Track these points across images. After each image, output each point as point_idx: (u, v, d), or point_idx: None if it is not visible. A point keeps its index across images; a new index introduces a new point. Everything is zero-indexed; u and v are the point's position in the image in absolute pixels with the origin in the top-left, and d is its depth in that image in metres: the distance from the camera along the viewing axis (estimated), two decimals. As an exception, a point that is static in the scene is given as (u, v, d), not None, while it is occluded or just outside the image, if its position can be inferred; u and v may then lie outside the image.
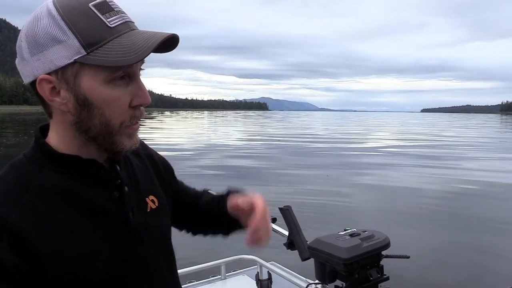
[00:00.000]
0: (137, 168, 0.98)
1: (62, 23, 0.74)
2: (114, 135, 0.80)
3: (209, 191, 1.27)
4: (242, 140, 24.56)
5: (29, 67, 0.78)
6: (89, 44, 0.73)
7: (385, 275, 0.99)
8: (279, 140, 24.62)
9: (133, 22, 0.81)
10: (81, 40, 0.73)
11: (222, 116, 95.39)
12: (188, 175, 10.43)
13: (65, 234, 0.77)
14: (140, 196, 0.94)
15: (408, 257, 1.04)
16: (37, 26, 0.75)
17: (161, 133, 28.10)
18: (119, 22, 0.76)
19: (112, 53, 0.74)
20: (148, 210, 0.95)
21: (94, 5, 0.75)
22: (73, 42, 0.73)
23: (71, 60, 0.74)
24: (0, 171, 0.81)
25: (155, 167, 1.06)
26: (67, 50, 0.74)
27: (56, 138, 0.83)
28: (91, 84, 0.76)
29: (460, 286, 4.51)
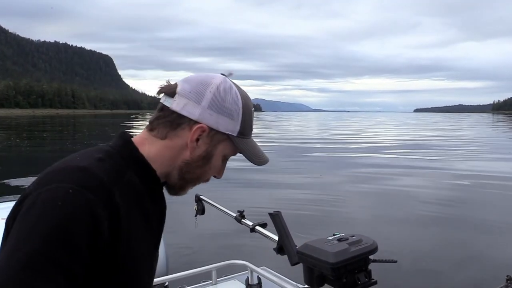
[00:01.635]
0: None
1: (240, 111, 0.98)
2: (190, 183, 1.02)
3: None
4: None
5: (198, 111, 0.95)
6: (242, 133, 0.99)
7: (373, 279, 1.00)
8: (273, 141, 24.65)
9: None
10: (241, 128, 0.98)
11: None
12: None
13: (138, 229, 0.90)
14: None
15: (396, 262, 1.05)
16: (228, 98, 0.97)
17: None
18: (252, 125, 1.03)
19: (249, 148, 1.01)
20: None
21: (253, 110, 1.03)
22: (237, 125, 0.98)
23: (227, 132, 0.97)
24: (97, 153, 0.90)
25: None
26: (231, 126, 0.97)
27: (151, 152, 0.97)
28: (220, 152, 1.00)
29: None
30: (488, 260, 5.16)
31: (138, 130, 1.02)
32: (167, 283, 2.06)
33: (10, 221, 0.80)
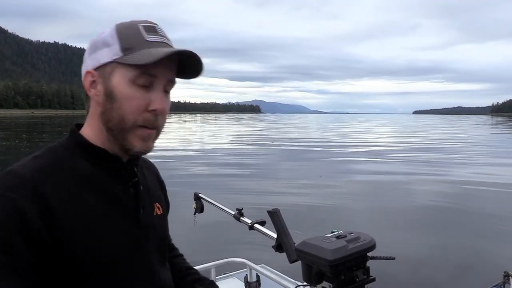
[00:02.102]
0: (147, 177, 1.10)
1: (113, 33, 0.93)
2: (127, 131, 0.92)
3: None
4: (234, 142, 24.56)
5: (85, 65, 0.95)
6: (126, 48, 0.90)
7: (371, 276, 1.00)
8: (272, 142, 24.67)
9: (173, 47, 0.96)
10: (121, 45, 0.91)
11: (215, 119, 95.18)
12: (183, 176, 10.42)
13: (87, 214, 0.88)
14: (149, 199, 1.05)
15: (394, 259, 1.06)
16: (99, 36, 0.95)
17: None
18: (156, 40, 0.93)
19: (139, 57, 0.89)
20: (155, 214, 1.07)
21: (143, 25, 0.94)
22: (116, 46, 0.91)
23: (110, 59, 0.91)
24: (38, 152, 0.93)
25: (160, 184, 1.20)
26: (110, 52, 0.91)
27: (89, 130, 0.97)
28: (119, 81, 0.91)
29: (446, 285, 4.55)
30: (486, 257, 5.19)
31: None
32: None
33: None
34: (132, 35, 0.92)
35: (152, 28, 0.94)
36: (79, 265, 0.85)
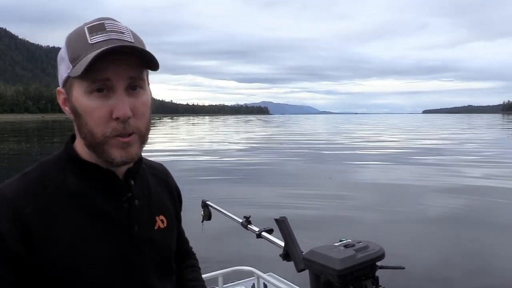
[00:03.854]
0: (152, 187, 1.05)
1: (65, 44, 0.88)
2: (101, 144, 0.86)
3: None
4: (243, 143, 24.57)
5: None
6: (73, 59, 0.85)
7: (381, 286, 0.98)
8: (281, 144, 24.65)
9: (127, 40, 0.86)
10: (69, 56, 0.86)
11: (223, 121, 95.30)
12: (189, 180, 10.45)
13: (71, 233, 0.85)
14: (150, 212, 1.01)
15: (403, 268, 1.04)
16: (60, 50, 0.90)
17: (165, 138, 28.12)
18: (100, 39, 0.84)
19: (79, 66, 0.82)
20: (156, 228, 1.02)
21: (88, 27, 0.86)
22: (67, 59, 0.86)
23: (66, 75, 0.86)
24: (29, 168, 0.91)
25: (170, 193, 1.14)
26: (65, 66, 0.86)
27: (81, 146, 0.92)
28: (77, 95, 0.86)
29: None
30: (500, 267, 5.07)
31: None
32: None
33: None
34: (78, 42, 0.85)
35: (98, 27, 0.86)
36: (63, 286, 0.84)
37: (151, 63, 0.88)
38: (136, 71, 0.86)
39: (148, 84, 0.93)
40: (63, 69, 0.87)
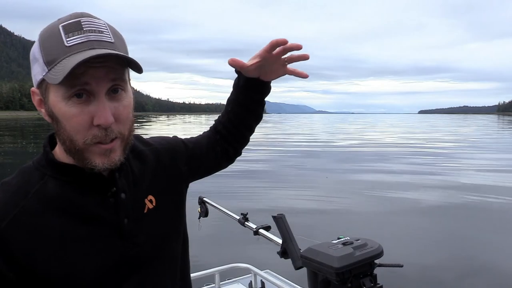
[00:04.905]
0: (136, 170, 0.99)
1: (38, 43, 0.81)
2: (82, 151, 0.82)
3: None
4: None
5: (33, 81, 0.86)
6: (48, 62, 0.79)
7: (379, 284, 0.98)
8: (277, 143, 24.64)
9: (106, 41, 0.80)
10: (44, 58, 0.79)
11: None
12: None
13: (57, 238, 0.81)
14: (138, 198, 0.97)
15: (402, 266, 1.03)
16: (32, 48, 0.83)
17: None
18: (77, 42, 0.78)
19: (55, 73, 0.77)
20: (145, 211, 0.97)
21: (63, 26, 0.79)
22: (41, 60, 0.80)
23: (41, 77, 0.80)
24: (8, 177, 0.87)
25: (158, 161, 1.06)
26: (40, 67, 0.80)
27: (59, 147, 0.88)
28: (54, 100, 0.81)
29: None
30: (497, 265, 5.10)
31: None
32: None
33: None
34: (52, 42, 0.79)
35: (74, 26, 0.79)
36: None
37: (133, 66, 0.83)
38: (116, 73, 0.81)
39: (129, 80, 0.88)
40: (38, 70, 0.81)
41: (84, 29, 0.79)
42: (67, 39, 0.78)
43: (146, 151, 1.06)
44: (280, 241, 1.25)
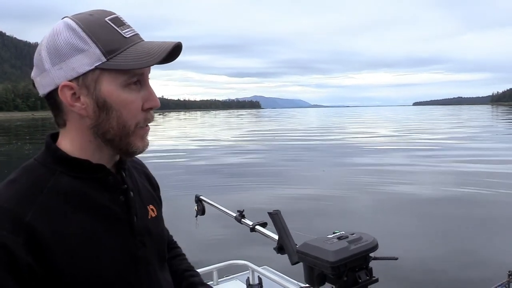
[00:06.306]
0: (137, 178, 1.06)
1: (83, 34, 0.82)
2: (130, 136, 0.88)
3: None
4: (233, 139, 24.55)
5: (50, 77, 0.84)
6: (109, 51, 0.82)
7: (374, 277, 0.99)
8: (274, 138, 24.66)
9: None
10: (102, 48, 0.82)
11: (215, 117, 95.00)
12: (183, 173, 10.42)
13: (78, 234, 0.83)
14: (142, 203, 1.01)
15: (396, 259, 1.05)
16: (58, 39, 0.83)
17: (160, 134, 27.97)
18: (132, 34, 0.87)
19: (130, 58, 0.83)
20: (149, 218, 1.02)
21: (110, 20, 0.85)
22: (94, 50, 0.82)
23: (92, 67, 0.82)
24: (13, 174, 0.87)
25: (151, 183, 1.15)
26: (89, 58, 0.82)
27: (70, 144, 0.89)
28: (110, 88, 0.84)
29: (450, 285, 4.54)
30: (490, 256, 5.15)
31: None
32: None
33: None
34: (108, 34, 0.83)
35: (118, 20, 0.86)
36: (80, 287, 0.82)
37: (170, 60, 0.90)
38: None
39: None
40: (83, 61, 0.81)
41: (126, 24, 0.87)
42: (123, 32, 0.85)
43: (139, 167, 1.14)
44: (276, 237, 1.26)
